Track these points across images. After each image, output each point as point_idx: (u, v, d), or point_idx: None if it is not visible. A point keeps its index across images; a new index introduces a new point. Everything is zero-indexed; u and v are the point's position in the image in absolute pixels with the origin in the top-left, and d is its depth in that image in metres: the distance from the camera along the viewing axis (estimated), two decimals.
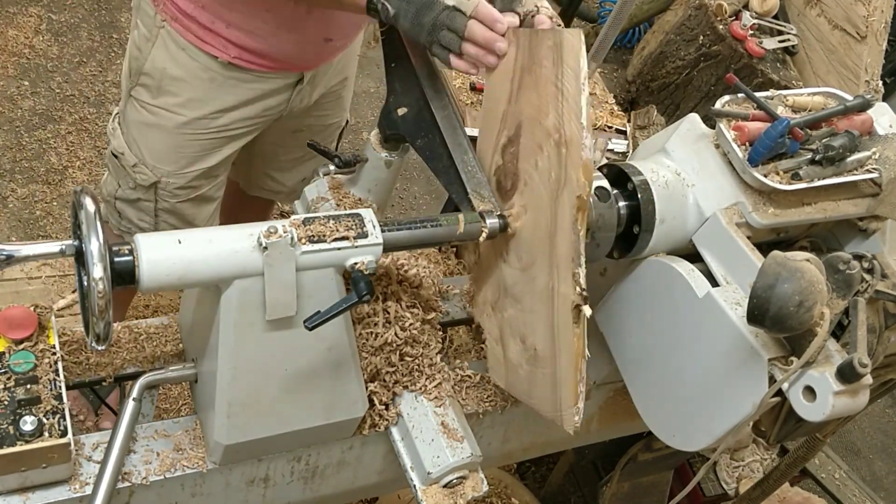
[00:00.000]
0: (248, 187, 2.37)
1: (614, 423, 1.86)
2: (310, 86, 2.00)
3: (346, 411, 1.39)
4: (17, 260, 1.10)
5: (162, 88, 1.88)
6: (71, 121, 3.43)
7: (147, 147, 1.95)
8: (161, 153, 1.95)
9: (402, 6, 1.41)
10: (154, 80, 1.88)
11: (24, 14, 3.72)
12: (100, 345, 1.10)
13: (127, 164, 1.96)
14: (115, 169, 2.00)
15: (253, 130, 2.02)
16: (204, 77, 1.86)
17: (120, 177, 1.99)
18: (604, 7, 4.88)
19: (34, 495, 1.25)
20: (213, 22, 1.78)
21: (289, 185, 2.34)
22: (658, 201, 1.37)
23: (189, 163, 1.97)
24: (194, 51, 1.82)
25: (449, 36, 1.38)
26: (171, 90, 1.88)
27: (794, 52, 3.92)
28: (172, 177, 1.97)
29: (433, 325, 1.48)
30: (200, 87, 1.87)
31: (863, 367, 1.14)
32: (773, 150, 1.35)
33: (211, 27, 1.79)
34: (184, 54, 1.83)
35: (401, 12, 1.41)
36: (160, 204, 2.01)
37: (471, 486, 1.42)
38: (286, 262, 1.16)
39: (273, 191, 2.37)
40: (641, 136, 3.48)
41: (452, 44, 1.39)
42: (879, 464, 3.84)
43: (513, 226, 1.35)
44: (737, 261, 1.33)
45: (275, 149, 2.22)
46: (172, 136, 1.92)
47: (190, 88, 1.87)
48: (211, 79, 1.86)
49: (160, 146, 1.94)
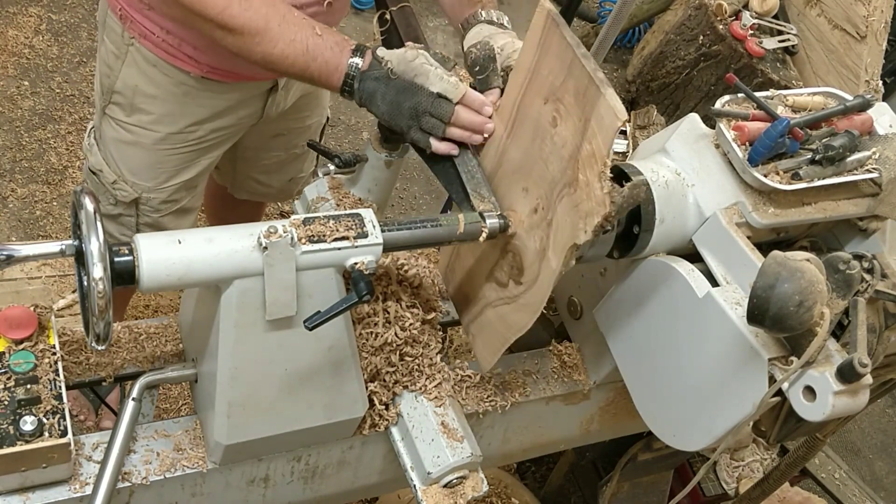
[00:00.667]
0: (236, 191, 2.36)
1: (614, 423, 1.86)
2: (284, 91, 1.97)
3: (346, 411, 1.39)
4: (17, 260, 1.10)
5: (135, 106, 1.85)
6: (71, 121, 3.43)
7: (125, 164, 1.92)
8: (140, 169, 1.92)
9: (380, 88, 1.40)
10: (127, 98, 1.84)
11: (24, 14, 3.72)
12: (100, 345, 1.10)
13: (106, 181, 1.94)
14: (95, 186, 1.96)
15: (230, 138, 2.00)
16: (177, 91, 1.82)
17: (99, 193, 1.96)
18: (604, 7, 4.89)
19: (34, 495, 1.25)
20: (180, 44, 1.74)
21: (276, 186, 2.33)
22: (658, 201, 1.37)
23: (169, 177, 1.94)
24: (166, 66, 1.78)
25: (432, 122, 1.38)
26: (145, 107, 1.84)
27: (794, 52, 3.91)
28: (153, 192, 1.95)
29: (433, 325, 1.48)
30: (174, 102, 1.84)
31: (863, 367, 1.14)
32: (773, 150, 1.35)
33: (179, 48, 1.75)
34: (155, 70, 1.79)
35: (378, 94, 1.40)
36: (142, 219, 1.99)
37: (471, 486, 1.42)
38: (286, 262, 1.16)
39: (261, 193, 2.36)
40: (641, 136, 3.47)
41: (435, 129, 1.39)
42: (879, 464, 3.84)
43: (512, 227, 1.36)
44: (737, 261, 1.33)
45: (257, 153, 2.20)
46: (150, 152, 1.90)
47: (164, 104, 1.84)
48: (185, 93, 1.83)
49: (138, 163, 1.91)
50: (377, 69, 1.41)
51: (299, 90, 2.04)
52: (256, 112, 1.97)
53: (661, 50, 4.17)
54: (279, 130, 2.13)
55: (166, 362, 1.48)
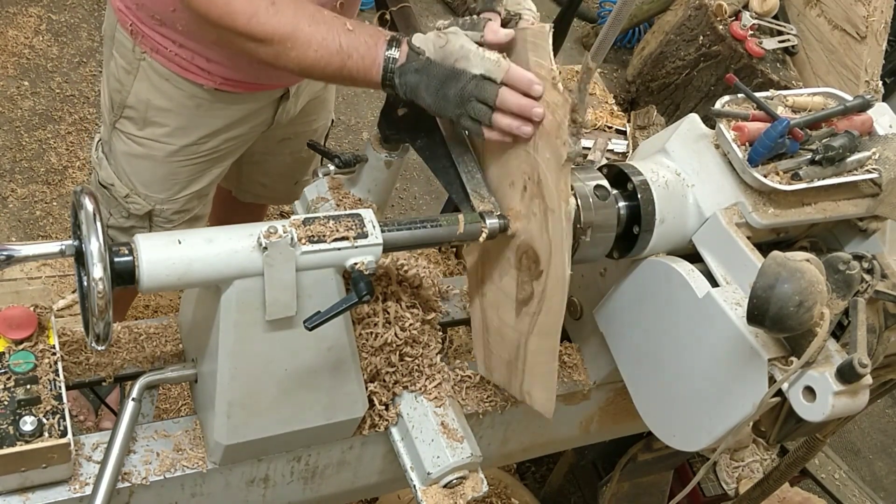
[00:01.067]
0: (241, 194, 2.36)
1: (614, 423, 1.86)
2: (295, 98, 1.97)
3: (346, 411, 1.39)
4: (17, 260, 1.10)
5: (148, 120, 1.83)
6: (71, 121, 3.43)
7: (138, 177, 1.91)
8: (152, 182, 1.91)
9: (423, 80, 1.31)
10: (139, 112, 1.83)
11: (24, 14, 3.72)
12: (100, 345, 1.10)
13: (118, 195, 1.93)
14: (106, 199, 1.95)
15: (241, 147, 2.00)
16: (190, 104, 1.81)
17: (111, 206, 1.95)
18: (604, 7, 4.89)
19: (34, 495, 1.25)
20: (193, 57, 1.73)
21: (281, 190, 2.33)
22: (658, 201, 1.37)
23: (181, 188, 1.94)
24: (178, 80, 1.77)
25: (479, 107, 1.28)
26: (158, 121, 1.83)
27: (794, 53, 3.92)
28: (166, 203, 1.94)
29: (433, 326, 1.48)
30: (187, 115, 1.83)
31: (863, 368, 1.14)
32: (772, 150, 1.35)
33: (192, 61, 1.74)
34: (168, 84, 1.78)
35: (421, 86, 1.32)
36: (155, 230, 1.98)
37: (471, 487, 1.42)
38: (286, 262, 1.16)
39: (266, 196, 2.37)
40: (641, 136, 3.47)
41: (483, 115, 1.29)
42: (879, 464, 3.84)
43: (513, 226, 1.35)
44: (737, 261, 1.33)
45: (264, 157, 2.20)
46: (163, 165, 1.89)
47: (177, 117, 1.83)
48: (197, 105, 1.81)
49: (151, 176, 1.91)
50: (416, 60, 1.33)
51: (307, 95, 2.04)
52: (267, 120, 1.97)
53: (661, 50, 4.17)
54: (286, 135, 2.14)
55: (166, 362, 1.48)
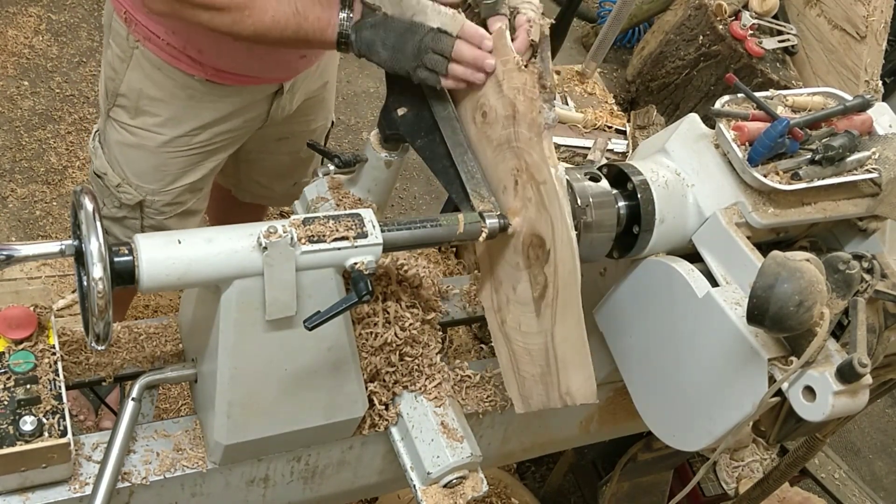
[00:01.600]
0: (240, 193, 2.36)
1: (614, 423, 1.86)
2: (290, 94, 1.97)
3: (345, 411, 1.39)
4: (17, 260, 1.10)
5: (140, 109, 1.84)
6: (71, 121, 3.43)
7: (130, 167, 1.92)
8: (144, 172, 1.92)
9: (380, 35, 1.36)
10: (131, 100, 1.84)
11: (24, 14, 3.72)
12: (100, 345, 1.10)
13: (110, 184, 1.93)
14: (99, 188, 1.96)
15: (235, 141, 1.99)
16: (182, 95, 1.82)
17: (104, 196, 1.96)
18: (604, 7, 4.89)
19: (34, 495, 1.25)
20: (185, 46, 1.73)
21: (279, 190, 2.32)
22: (658, 201, 1.37)
23: (173, 179, 1.94)
24: (171, 70, 1.78)
25: (435, 58, 1.35)
26: (150, 110, 1.84)
27: (794, 52, 3.92)
28: (157, 194, 1.95)
29: (433, 325, 1.48)
30: (179, 105, 1.83)
31: (862, 367, 1.14)
32: (772, 150, 1.35)
33: (184, 50, 1.74)
34: (160, 74, 1.79)
35: (377, 41, 1.37)
36: (146, 221, 1.99)
37: (471, 486, 1.42)
38: (286, 262, 1.16)
39: (264, 196, 2.36)
40: (641, 136, 3.47)
41: (439, 65, 1.36)
42: (879, 464, 3.84)
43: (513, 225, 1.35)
44: (737, 261, 1.33)
45: (261, 156, 2.20)
46: (154, 155, 1.89)
47: (168, 107, 1.83)
48: (189, 96, 1.82)
49: (143, 165, 1.91)
50: (371, 16, 1.38)
51: (304, 93, 2.04)
52: (261, 115, 1.97)
53: (660, 50, 4.18)
54: (284, 134, 2.13)
55: (166, 362, 1.48)
